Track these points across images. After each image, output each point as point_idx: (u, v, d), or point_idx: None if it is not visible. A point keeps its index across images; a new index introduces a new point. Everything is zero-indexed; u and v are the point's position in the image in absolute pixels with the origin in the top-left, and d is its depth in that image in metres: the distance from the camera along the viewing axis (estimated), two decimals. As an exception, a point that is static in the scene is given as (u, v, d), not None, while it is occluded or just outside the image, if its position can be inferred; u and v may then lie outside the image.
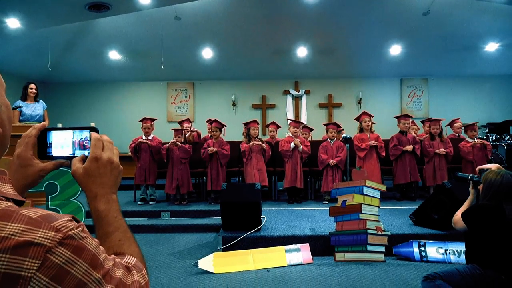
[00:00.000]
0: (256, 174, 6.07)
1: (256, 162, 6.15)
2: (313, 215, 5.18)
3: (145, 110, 9.86)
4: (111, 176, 0.80)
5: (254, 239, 4.10)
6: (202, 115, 10.18)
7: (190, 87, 10.78)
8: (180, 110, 10.74)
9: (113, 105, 10.75)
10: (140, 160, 6.23)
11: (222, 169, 6.12)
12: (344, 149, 6.05)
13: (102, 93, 10.79)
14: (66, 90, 10.75)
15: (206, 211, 5.62)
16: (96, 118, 10.26)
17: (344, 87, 10.59)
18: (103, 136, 0.83)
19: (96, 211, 0.78)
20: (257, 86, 10.68)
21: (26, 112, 6.11)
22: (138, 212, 5.61)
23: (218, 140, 6.25)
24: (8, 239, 0.52)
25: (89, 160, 0.80)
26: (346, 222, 3.88)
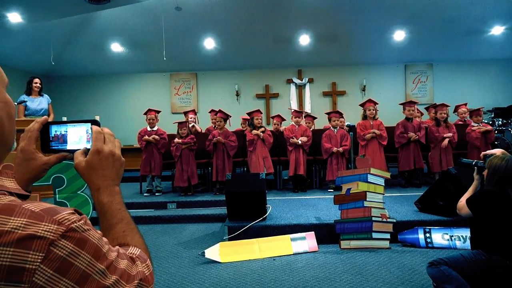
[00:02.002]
0: (261, 162, 6.09)
1: (261, 150, 6.16)
2: (318, 203, 5.18)
3: (149, 102, 9.87)
4: (113, 169, 0.81)
5: (260, 228, 4.12)
6: (205, 105, 10.17)
7: (193, 78, 10.75)
8: (184, 101, 10.74)
9: (116, 98, 10.77)
10: (145, 151, 6.27)
11: (229, 160, 6.14)
12: (349, 137, 6.04)
13: (105, 85, 10.80)
14: (70, 83, 10.77)
15: (212, 201, 5.65)
16: (100, 110, 10.29)
17: (348, 74, 10.51)
18: (104, 128, 0.83)
19: (99, 203, 0.78)
20: (260, 76, 10.63)
21: (31, 107, 6.14)
22: (144, 204, 5.65)
23: (224, 131, 6.27)
24: (11, 233, 0.53)
25: (91, 153, 0.80)
26: (351, 210, 3.89)
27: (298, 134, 6.32)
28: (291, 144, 6.25)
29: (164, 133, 6.38)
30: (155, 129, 6.35)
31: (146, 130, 6.36)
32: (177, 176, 6.08)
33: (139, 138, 6.32)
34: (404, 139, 6.17)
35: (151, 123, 6.35)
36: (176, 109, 10.64)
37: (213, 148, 6.13)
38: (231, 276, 3.29)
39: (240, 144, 6.58)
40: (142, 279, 0.67)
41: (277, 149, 6.69)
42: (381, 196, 3.89)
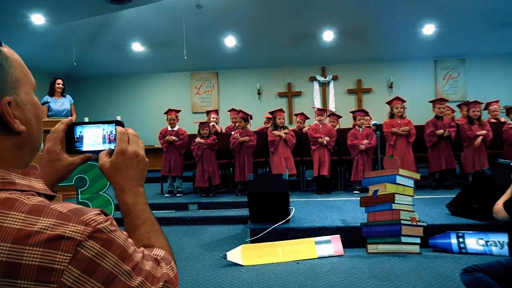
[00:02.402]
0: (283, 163, 6.07)
1: (283, 151, 6.15)
2: (344, 205, 5.15)
3: (169, 102, 10.01)
4: (137, 169, 0.82)
5: (283, 231, 4.10)
6: (226, 104, 10.21)
7: (214, 76, 10.83)
8: (205, 100, 10.83)
9: (137, 98, 10.97)
10: (166, 151, 6.36)
11: (249, 160, 6.15)
12: (375, 136, 5.96)
13: (126, 85, 11.02)
14: (91, 83, 11.06)
15: (234, 202, 5.67)
16: (121, 111, 10.51)
17: (374, 71, 10.34)
18: (128, 129, 0.85)
19: (124, 204, 0.80)
20: (282, 74, 10.60)
21: (54, 108, 6.33)
22: (165, 205, 5.74)
23: (245, 131, 6.29)
24: (40, 233, 0.55)
25: (115, 153, 0.82)
26: (378, 213, 3.82)
27: (322, 134, 6.28)
28: (314, 143, 6.22)
29: (185, 133, 6.46)
30: (176, 129, 6.43)
31: (167, 130, 6.44)
32: (198, 176, 6.14)
33: (160, 138, 6.41)
34: (435, 137, 6.03)
35: (171, 123, 6.44)
36: (197, 109, 10.74)
37: (237, 148, 6.15)
38: (253, 279, 3.29)
39: (263, 143, 6.58)
40: (167, 281, 0.68)
41: (300, 149, 6.65)
42: (410, 198, 3.82)
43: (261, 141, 6.62)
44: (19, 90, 0.66)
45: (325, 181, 6.26)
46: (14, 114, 0.65)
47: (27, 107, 0.68)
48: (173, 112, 6.48)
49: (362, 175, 5.75)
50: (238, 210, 5.48)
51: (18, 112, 0.66)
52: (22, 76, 0.68)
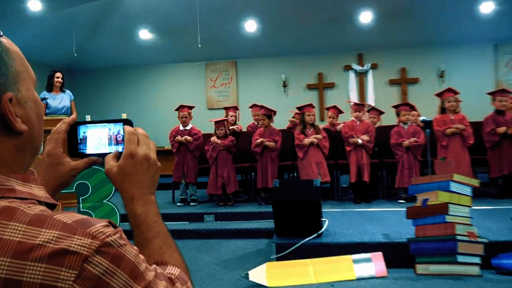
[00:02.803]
0: (314, 168, 6.04)
1: (314, 155, 6.11)
2: (386, 217, 5.12)
3: (181, 97, 10.10)
4: (148, 174, 0.83)
5: (314, 247, 4.09)
6: (247, 99, 10.23)
7: (232, 67, 10.88)
8: (222, 94, 10.90)
9: (145, 92, 11.15)
10: (177, 154, 6.42)
11: (273, 163, 6.15)
12: (423, 134, 5.89)
13: (133, 78, 11.22)
14: (94, 77, 11.31)
15: (256, 213, 5.69)
16: (127, 107, 10.67)
17: (421, 58, 10.16)
18: (137, 129, 0.86)
19: (133, 214, 0.81)
20: (312, 62, 10.55)
21: (52, 105, 6.48)
22: (177, 215, 5.79)
23: (269, 129, 6.28)
24: (43, 247, 0.55)
25: (123, 157, 0.83)
26: (429, 226, 3.77)
27: (359, 132, 6.23)
28: (348, 144, 6.21)
29: (199, 132, 6.51)
30: (188, 128, 6.49)
31: (178, 129, 6.51)
32: (210, 181, 6.19)
33: (171, 139, 6.48)
34: (496, 136, 5.90)
35: (183, 121, 6.50)
36: (213, 104, 10.82)
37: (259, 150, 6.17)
38: (280, 303, 3.27)
39: (290, 144, 6.55)
40: None
41: (333, 150, 6.61)
42: (467, 209, 3.77)
43: (287, 141, 6.59)
44: (20, 85, 0.68)
45: (364, 188, 6.22)
46: (15, 112, 0.66)
47: (29, 104, 0.69)
48: (185, 109, 6.55)
49: (409, 181, 5.64)
50: (262, 222, 5.48)
51: (19, 110, 0.67)
52: (22, 70, 0.69)
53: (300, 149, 6.17)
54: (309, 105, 6.42)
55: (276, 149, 6.16)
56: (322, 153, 6.18)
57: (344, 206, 6.00)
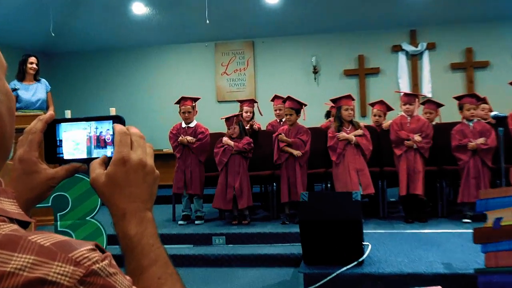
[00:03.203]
0: (354, 176, 6.02)
1: (353, 160, 6.06)
2: (447, 241, 5.10)
3: (184, 86, 10.16)
4: (144, 185, 0.84)
5: (354, 278, 4.09)
6: (267, 89, 10.23)
7: (249, 48, 10.91)
8: (235, 83, 10.94)
9: (139, 81, 11.24)
10: (179, 158, 6.46)
11: (301, 171, 6.14)
12: (493, 133, 5.86)
13: (124, 64, 11.32)
14: (75, 62, 11.45)
15: (279, 234, 5.68)
16: (117, 100, 10.75)
17: (492, 36, 10.05)
18: (130, 128, 0.87)
19: (125, 236, 0.81)
20: (350, 42, 10.51)
21: (24, 97, 6.58)
22: (179, 236, 5.82)
23: (295, 127, 6.26)
24: (15, 276, 0.54)
25: (113, 163, 0.83)
26: (503, 254, 3.72)
27: (411, 131, 6.21)
28: (397, 146, 6.18)
29: (206, 130, 6.54)
30: (192, 126, 6.53)
31: (180, 126, 6.56)
32: (218, 192, 6.20)
33: (171, 139, 6.52)
34: None
35: (186, 117, 6.52)
36: (224, 96, 10.87)
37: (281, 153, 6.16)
38: None
39: (322, 147, 6.52)
40: None
41: (378, 155, 6.58)
42: (555, 232, 3.66)
43: (319, 143, 6.56)
44: None
45: (418, 204, 6.20)
46: None
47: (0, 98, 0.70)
48: (189, 101, 6.58)
49: (476, 194, 5.56)
50: (286, 246, 5.47)
51: None
52: None
53: (334, 151, 6.13)
54: (347, 96, 6.39)
55: (303, 153, 6.15)
56: (364, 157, 6.14)
57: (392, 226, 5.97)
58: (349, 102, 6.33)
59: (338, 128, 6.23)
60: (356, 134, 6.13)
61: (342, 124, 6.25)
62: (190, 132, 6.46)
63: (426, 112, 6.81)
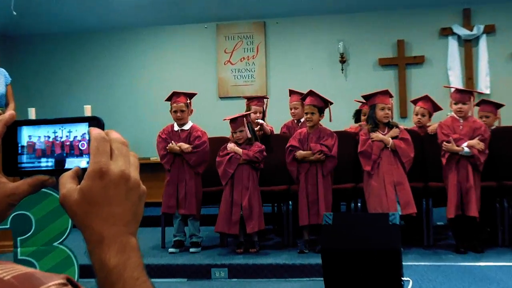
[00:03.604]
0: (391, 192, 5.99)
1: (389, 170, 6.04)
2: (510, 277, 5.04)
3: (177, 79, 10.16)
4: (127, 203, 0.83)
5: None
6: (281, 83, 10.23)
7: (259, 31, 10.90)
8: (241, 75, 10.92)
9: (121, 72, 11.22)
10: (170, 170, 6.46)
11: (325, 185, 6.12)
12: None
13: (102, 51, 11.30)
14: (42, 47, 11.41)
15: (295, 266, 5.67)
16: (94, 95, 10.78)
17: None
18: (110, 133, 0.86)
19: (103, 267, 0.80)
20: (387, 24, 10.50)
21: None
22: (170, 268, 5.81)
23: (317, 129, 6.26)
24: None
25: (89, 176, 0.82)
26: None
27: (464, 136, 6.18)
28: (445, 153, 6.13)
29: (203, 134, 6.54)
30: (187, 128, 6.53)
31: (171, 129, 6.57)
32: (222, 213, 6.20)
33: (159, 145, 6.52)
34: None
35: (179, 117, 6.52)
36: (227, 91, 10.85)
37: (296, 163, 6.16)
38: None
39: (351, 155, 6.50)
40: None
41: (421, 165, 6.59)
42: None
43: (347, 151, 6.55)
44: None
45: (472, 229, 6.15)
46: None
47: None
48: (182, 98, 6.58)
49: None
50: (304, 282, 5.46)
51: None
52: None
53: (367, 158, 6.11)
54: (383, 92, 6.37)
55: (331, 161, 6.14)
56: (403, 167, 6.11)
57: (439, 257, 5.94)
58: (386, 100, 6.31)
59: (371, 131, 6.21)
60: (393, 135, 6.12)
61: (376, 126, 6.21)
62: (184, 136, 6.47)
63: (481, 115, 6.75)
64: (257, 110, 7.31)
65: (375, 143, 6.11)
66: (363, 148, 6.16)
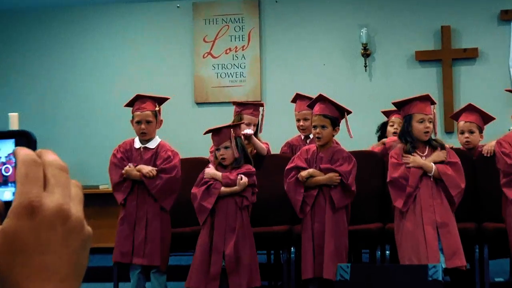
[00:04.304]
0: (431, 237, 6.02)
1: (431, 208, 6.05)
2: None
3: (140, 78, 10.22)
4: (66, 251, 0.81)
5: None
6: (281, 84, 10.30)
7: (251, 13, 11.01)
8: (227, 73, 11.01)
9: (61, 66, 11.30)
10: (127, 203, 6.47)
11: (339, 222, 6.14)
12: None
13: (35, 34, 11.38)
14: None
15: None
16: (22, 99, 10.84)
17: None
18: (45, 154, 0.84)
19: None
20: (427, 6, 10.63)
21: None
22: None
23: (328, 149, 6.28)
24: None
25: (14, 213, 0.80)
26: None
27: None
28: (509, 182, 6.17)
29: (174, 155, 6.58)
30: (153, 146, 6.57)
31: (131, 147, 6.60)
32: (196, 263, 6.24)
33: (113, 169, 6.54)
34: None
35: (143, 131, 6.52)
36: (207, 94, 10.94)
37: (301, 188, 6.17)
38: None
39: (373, 184, 6.52)
40: None
41: (472, 197, 6.62)
42: None
43: (370, 177, 6.55)
44: None
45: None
46: None
47: None
48: (149, 104, 6.62)
49: None
50: None
51: None
52: None
53: (399, 190, 6.11)
54: (423, 98, 6.38)
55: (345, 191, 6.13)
56: (450, 203, 6.11)
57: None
58: (426, 108, 6.31)
59: (407, 150, 6.23)
60: (436, 159, 6.14)
61: (413, 143, 6.24)
62: (148, 157, 6.49)
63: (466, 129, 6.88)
64: (251, 121, 7.29)
65: (411, 170, 6.10)
66: (394, 176, 6.15)
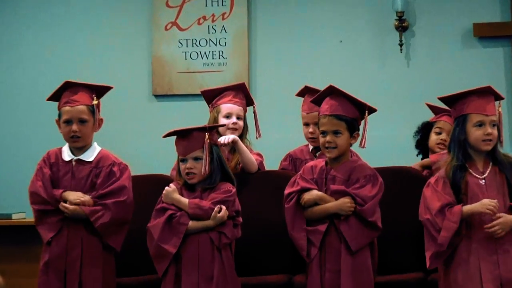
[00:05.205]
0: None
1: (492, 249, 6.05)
2: None
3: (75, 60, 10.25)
4: None
5: None
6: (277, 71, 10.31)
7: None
8: (200, 52, 11.07)
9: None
10: (53, 242, 6.43)
11: (357, 269, 6.13)
12: None
13: None
14: None
15: None
16: None
17: None
18: None
19: None
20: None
21: None
22: None
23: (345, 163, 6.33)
24: None
25: None
26: None
27: None
28: None
29: (123, 170, 6.57)
30: (90, 159, 6.55)
31: (58, 158, 6.57)
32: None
33: (35, 191, 6.47)
34: None
35: (75, 133, 6.46)
36: (169, 84, 10.98)
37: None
38: None
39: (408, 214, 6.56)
40: None
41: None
42: None
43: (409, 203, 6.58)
44: None
45: None
46: None
47: None
48: (82, 95, 6.58)
49: None
50: None
51: None
52: None
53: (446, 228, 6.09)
54: (483, 92, 6.37)
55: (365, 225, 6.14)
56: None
57: None
58: (487, 107, 6.25)
59: (457, 170, 6.23)
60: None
61: (469, 160, 6.26)
62: (84, 175, 6.48)
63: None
64: (232, 111, 7.31)
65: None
66: (442, 204, 6.14)
